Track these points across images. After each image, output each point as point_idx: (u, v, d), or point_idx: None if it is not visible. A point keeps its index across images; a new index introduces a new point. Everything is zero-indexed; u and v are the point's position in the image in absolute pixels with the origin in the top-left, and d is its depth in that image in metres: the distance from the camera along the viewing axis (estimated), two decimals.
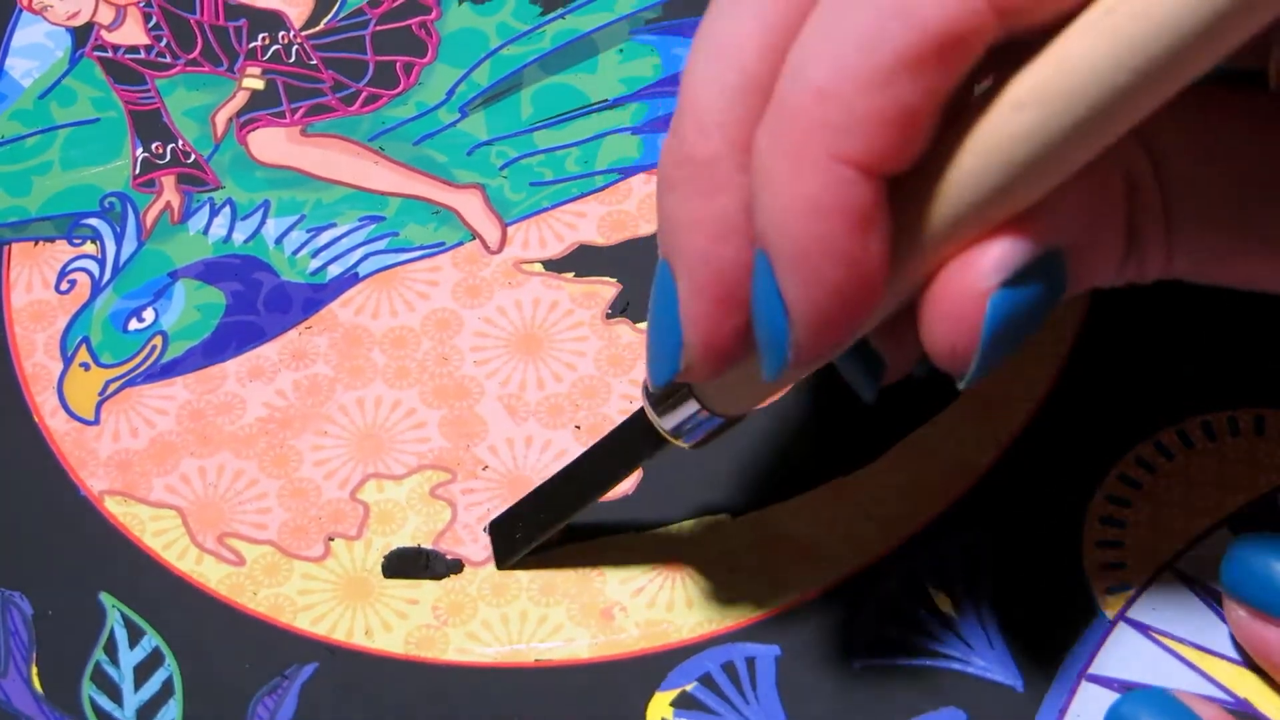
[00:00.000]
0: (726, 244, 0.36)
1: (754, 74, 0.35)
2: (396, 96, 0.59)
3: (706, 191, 0.36)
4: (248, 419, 0.52)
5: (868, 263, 0.34)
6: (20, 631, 0.49)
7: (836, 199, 0.33)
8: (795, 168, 0.33)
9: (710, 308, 0.37)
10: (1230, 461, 0.47)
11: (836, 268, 0.33)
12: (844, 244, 0.33)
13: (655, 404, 0.43)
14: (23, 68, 0.62)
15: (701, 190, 0.36)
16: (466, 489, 0.50)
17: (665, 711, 0.45)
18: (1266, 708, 0.43)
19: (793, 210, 0.33)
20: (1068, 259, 0.35)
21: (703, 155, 0.36)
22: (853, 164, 0.33)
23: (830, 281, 0.34)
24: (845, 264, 0.33)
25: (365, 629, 0.48)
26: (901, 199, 0.34)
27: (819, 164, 0.33)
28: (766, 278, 0.35)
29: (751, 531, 0.48)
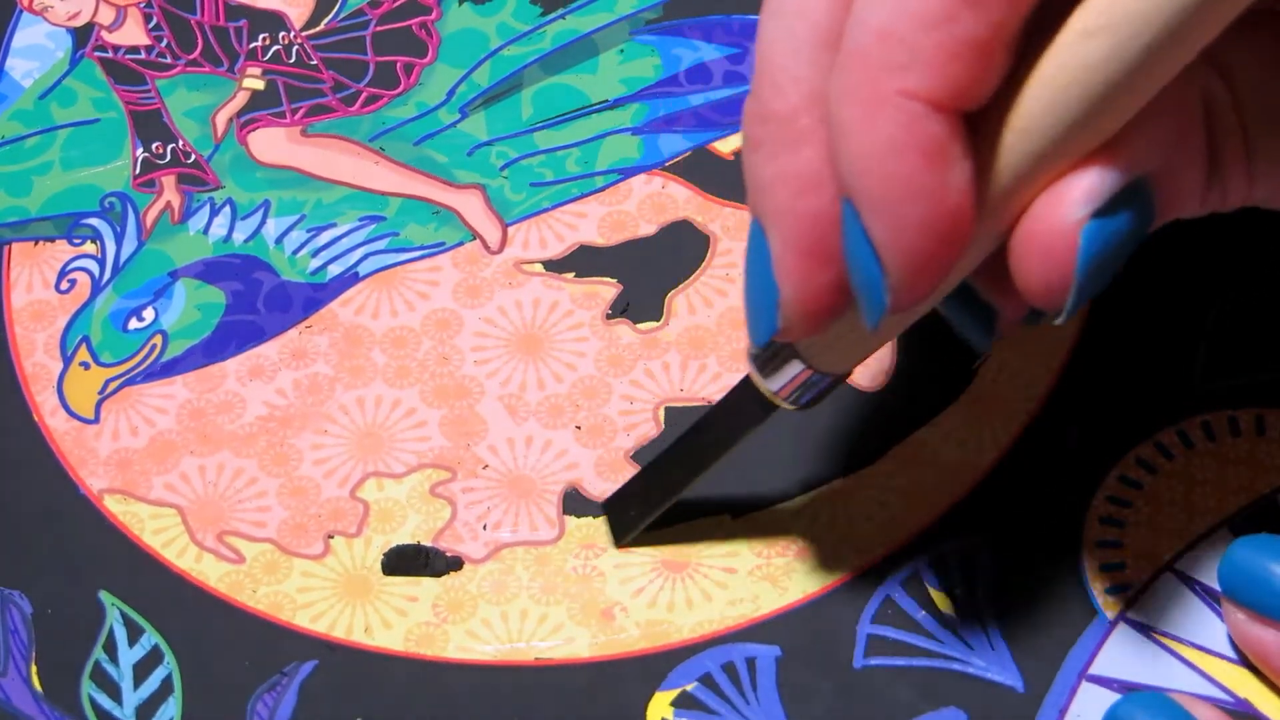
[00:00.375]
0: (813, 196, 0.36)
1: (823, 27, 0.36)
2: (397, 97, 0.59)
3: (788, 146, 0.36)
4: (248, 418, 0.52)
5: (952, 198, 0.34)
6: (20, 630, 0.49)
7: (911, 136, 0.33)
8: (867, 110, 0.33)
9: (803, 261, 0.37)
10: (1230, 462, 0.47)
11: (920, 205, 0.34)
12: (925, 180, 0.33)
13: (760, 367, 0.42)
14: (23, 68, 0.62)
15: (783, 146, 0.36)
16: (466, 488, 0.50)
17: (665, 711, 0.45)
18: (1266, 708, 0.43)
19: (870, 152, 0.34)
20: (1153, 187, 0.35)
21: (781, 111, 0.36)
22: (922, 99, 0.33)
23: (916, 220, 0.34)
24: (929, 201, 0.34)
25: (365, 626, 0.48)
26: (982, 136, 0.34)
27: (889, 103, 0.33)
28: (855, 224, 0.35)
29: (752, 531, 0.48)
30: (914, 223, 0.34)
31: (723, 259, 0.54)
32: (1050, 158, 0.34)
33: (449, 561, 0.49)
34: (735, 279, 0.53)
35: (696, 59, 0.58)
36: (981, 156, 0.34)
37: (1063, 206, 0.34)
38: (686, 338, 0.52)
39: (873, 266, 0.35)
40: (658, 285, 0.53)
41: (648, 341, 0.52)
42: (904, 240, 0.34)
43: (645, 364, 0.52)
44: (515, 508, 0.49)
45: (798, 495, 0.49)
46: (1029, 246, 0.35)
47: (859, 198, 0.34)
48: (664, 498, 0.47)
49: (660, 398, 0.51)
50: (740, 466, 0.49)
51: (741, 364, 0.51)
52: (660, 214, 0.55)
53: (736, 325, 0.52)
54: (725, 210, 0.55)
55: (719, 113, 0.57)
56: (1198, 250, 0.51)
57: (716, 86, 0.57)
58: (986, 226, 0.35)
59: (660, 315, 0.53)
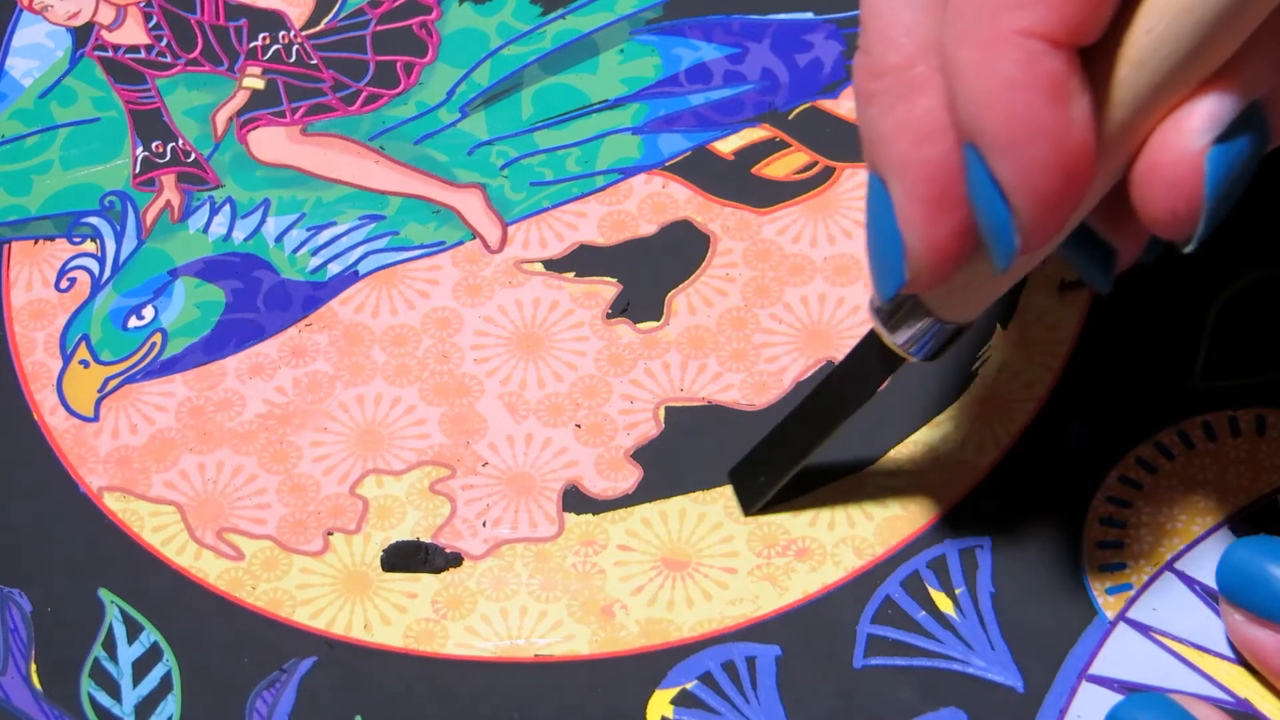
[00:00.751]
0: (933, 144, 0.37)
1: None
2: (397, 96, 0.59)
3: (904, 97, 0.37)
4: (247, 415, 0.52)
5: (1075, 135, 0.34)
6: (19, 628, 0.49)
7: (1030, 74, 0.33)
8: (984, 51, 0.34)
9: (928, 209, 0.37)
10: (1231, 462, 0.47)
11: (1045, 144, 0.34)
12: (1047, 118, 0.34)
13: (885, 321, 0.42)
14: (23, 67, 0.62)
15: (899, 97, 0.37)
16: (466, 485, 0.50)
17: (666, 709, 0.45)
18: (1266, 708, 0.43)
19: (990, 93, 0.34)
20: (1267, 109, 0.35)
21: (894, 63, 0.37)
22: (1039, 36, 0.33)
23: (1042, 159, 0.34)
24: (1053, 139, 0.34)
25: (364, 623, 0.48)
26: (1097, 71, 0.35)
27: (1006, 43, 0.33)
28: (979, 168, 0.35)
29: (752, 531, 0.48)
30: (1040, 161, 0.34)
31: (723, 259, 0.54)
32: (1167, 88, 0.34)
33: (448, 558, 0.49)
34: (735, 279, 0.53)
35: (696, 59, 0.58)
36: (1098, 92, 0.35)
37: (1184, 135, 0.35)
38: (687, 337, 0.52)
39: (1000, 209, 0.35)
40: (658, 285, 0.53)
41: (648, 341, 0.52)
42: (1031, 180, 0.35)
43: (645, 363, 0.52)
44: (515, 505, 0.49)
45: (798, 494, 0.49)
46: (1154, 178, 0.35)
47: (982, 140, 0.35)
48: (792, 462, 0.47)
49: (660, 397, 0.51)
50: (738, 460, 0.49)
51: (741, 363, 0.51)
52: (660, 214, 0.55)
53: (737, 325, 0.52)
54: (725, 210, 0.55)
55: (719, 112, 0.57)
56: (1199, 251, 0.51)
57: (716, 86, 0.57)
58: (1105, 162, 0.36)
59: (660, 315, 0.53)
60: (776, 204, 0.54)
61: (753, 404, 0.51)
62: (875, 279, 0.40)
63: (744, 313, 0.52)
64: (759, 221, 0.54)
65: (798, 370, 0.51)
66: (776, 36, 0.58)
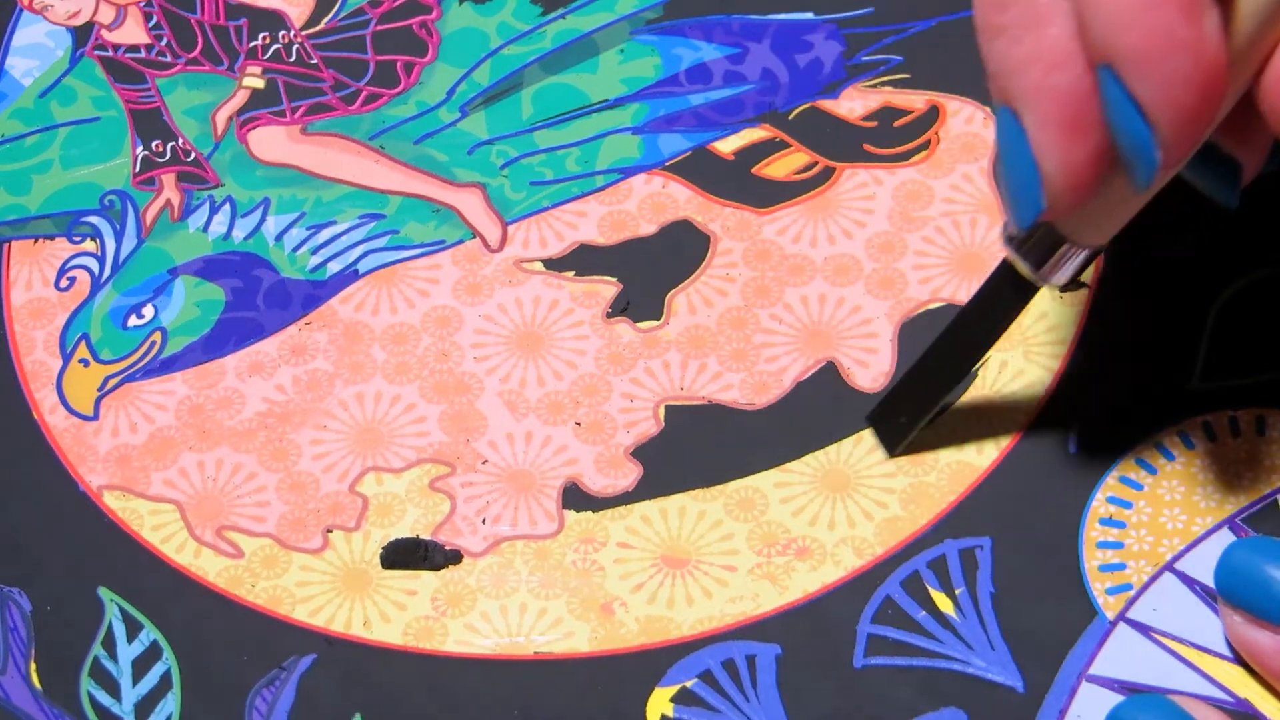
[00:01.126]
0: (1065, 71, 0.37)
1: None
2: (397, 96, 0.59)
3: (1033, 26, 0.37)
4: (247, 414, 0.52)
5: (1209, 46, 0.34)
6: (19, 627, 0.49)
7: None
8: None
9: (1064, 135, 0.38)
10: (1231, 462, 0.47)
11: (1182, 57, 0.34)
12: (1182, 32, 0.34)
13: (1018, 248, 0.43)
14: (23, 67, 0.62)
15: (1028, 27, 0.37)
16: (466, 482, 0.50)
17: (666, 707, 0.45)
18: (1266, 708, 0.43)
19: (1126, 11, 0.34)
20: None
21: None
22: None
23: (1180, 72, 0.34)
24: (1189, 53, 0.34)
25: (364, 620, 0.48)
26: None
27: None
28: (1116, 89, 0.36)
29: (751, 530, 0.48)
30: (1178, 76, 0.35)
31: (723, 259, 0.54)
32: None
33: (448, 555, 0.49)
34: (735, 278, 0.53)
35: (697, 59, 0.58)
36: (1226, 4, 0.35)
37: None
38: (687, 337, 0.52)
39: (1141, 127, 0.36)
40: (658, 285, 0.53)
41: (648, 340, 0.52)
42: (1171, 94, 0.35)
43: (645, 362, 0.52)
44: (514, 502, 0.49)
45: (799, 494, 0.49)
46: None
47: (1119, 59, 0.35)
48: (934, 399, 0.48)
49: (660, 396, 0.51)
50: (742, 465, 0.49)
51: (742, 363, 0.51)
52: (660, 213, 0.55)
53: (737, 325, 0.52)
54: (725, 210, 0.55)
55: (719, 112, 0.57)
56: (1198, 250, 0.51)
57: (716, 86, 0.57)
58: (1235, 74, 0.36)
59: (660, 314, 0.53)
60: (776, 204, 0.54)
61: (753, 403, 0.51)
62: (1013, 209, 0.40)
63: (744, 312, 0.52)
64: (759, 221, 0.54)
65: (797, 370, 0.51)
66: (777, 36, 0.58)
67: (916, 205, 0.53)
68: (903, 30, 0.58)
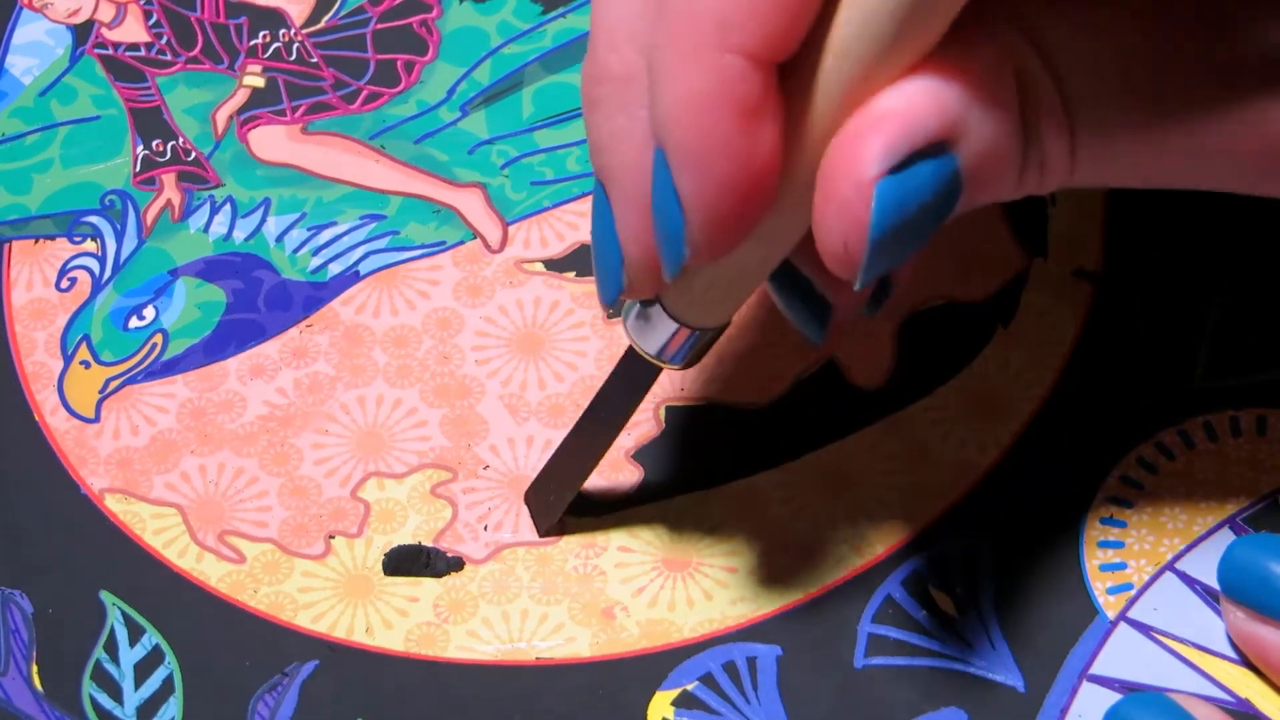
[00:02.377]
0: (647, 153, 0.36)
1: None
2: (397, 95, 0.59)
3: (626, 105, 0.37)
4: (248, 417, 0.52)
5: (760, 155, 0.34)
6: (20, 630, 0.49)
7: (727, 91, 0.33)
8: (685, 62, 0.33)
9: (639, 216, 0.37)
10: (1232, 462, 0.47)
11: (728, 161, 0.34)
12: (734, 137, 0.33)
13: (635, 329, 0.42)
14: (23, 65, 0.62)
15: (621, 105, 0.37)
16: (467, 488, 0.50)
17: (667, 710, 0.45)
18: (1267, 708, 0.43)
19: (684, 105, 0.33)
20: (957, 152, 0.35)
21: (618, 71, 0.37)
22: (743, 53, 0.33)
23: (723, 175, 0.34)
24: (737, 157, 0.34)
25: (366, 627, 0.48)
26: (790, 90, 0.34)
27: (709, 57, 0.33)
28: (663, 174, 0.35)
29: (752, 531, 0.48)
30: (721, 179, 0.34)
31: None
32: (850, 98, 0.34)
33: (450, 561, 0.49)
34: None
35: None
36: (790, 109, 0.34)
37: (860, 163, 0.33)
38: None
39: (675, 218, 0.35)
40: None
41: None
42: (709, 195, 0.34)
43: None
44: (516, 508, 0.49)
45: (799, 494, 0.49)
46: (826, 203, 0.34)
47: (669, 149, 0.34)
48: (579, 477, 0.48)
49: (660, 397, 0.51)
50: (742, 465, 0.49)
51: (742, 363, 0.51)
52: None
53: (737, 325, 0.52)
54: None
55: None
56: (1198, 250, 0.51)
57: None
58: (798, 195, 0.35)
59: None
60: None
61: (753, 403, 0.51)
62: (598, 284, 0.40)
63: (744, 312, 0.52)
64: None
65: (798, 369, 0.51)
66: None
67: None
68: None
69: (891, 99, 0.34)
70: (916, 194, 0.34)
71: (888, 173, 0.33)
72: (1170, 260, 0.51)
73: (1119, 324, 0.50)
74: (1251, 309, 0.50)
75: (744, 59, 0.33)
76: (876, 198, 0.33)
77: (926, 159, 0.34)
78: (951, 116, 0.34)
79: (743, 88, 0.33)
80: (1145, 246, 0.51)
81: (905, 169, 0.34)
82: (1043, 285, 0.51)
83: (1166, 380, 0.49)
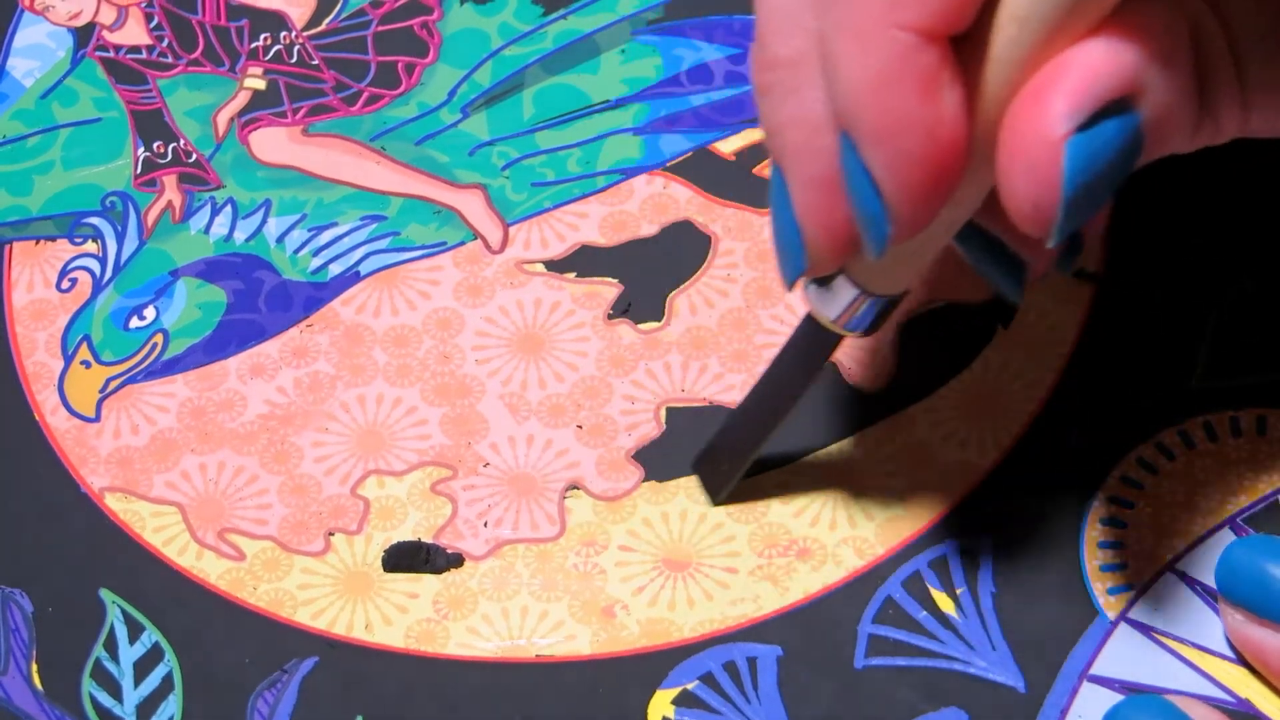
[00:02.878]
0: (823, 135, 0.37)
1: None
2: (398, 97, 0.59)
3: (796, 89, 0.37)
4: (248, 416, 0.52)
5: (947, 126, 0.34)
6: (20, 629, 0.49)
7: (905, 68, 0.34)
8: (860, 44, 0.34)
9: (819, 197, 0.38)
10: (1232, 462, 0.47)
11: (915, 136, 0.34)
12: (919, 111, 0.34)
13: (817, 298, 0.43)
14: (24, 68, 0.62)
15: (791, 89, 0.37)
16: (467, 485, 0.50)
17: (667, 709, 0.45)
18: (1267, 708, 0.43)
19: (864, 86, 0.34)
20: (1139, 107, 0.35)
21: (786, 56, 0.37)
22: (914, 29, 0.33)
23: (914, 151, 0.34)
24: (924, 132, 0.34)
25: (365, 623, 0.48)
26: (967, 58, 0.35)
27: (882, 35, 0.34)
28: (853, 158, 0.35)
29: (753, 531, 0.48)
30: (910, 154, 0.34)
31: (724, 259, 0.54)
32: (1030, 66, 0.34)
33: (450, 558, 0.49)
34: (737, 279, 0.53)
35: (698, 59, 0.58)
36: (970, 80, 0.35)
37: (1047, 122, 0.34)
38: (688, 338, 0.52)
39: (873, 199, 0.36)
40: (659, 285, 0.53)
41: (649, 341, 0.52)
42: (902, 172, 0.35)
43: (646, 364, 0.52)
44: (516, 505, 0.49)
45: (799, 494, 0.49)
46: (1014, 163, 0.35)
47: (855, 132, 0.35)
48: (753, 447, 0.48)
49: (661, 398, 0.51)
50: None
51: (742, 363, 0.51)
52: (661, 214, 0.55)
53: (738, 325, 0.52)
54: (726, 211, 0.55)
55: (720, 113, 0.57)
56: (1198, 250, 0.51)
57: (718, 87, 0.57)
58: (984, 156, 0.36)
59: (661, 315, 0.53)
60: None
61: None
62: (780, 266, 0.40)
63: (745, 313, 0.52)
64: (760, 222, 0.54)
65: None
66: None
67: None
68: None
69: (1074, 59, 0.34)
70: (1104, 151, 0.35)
71: (1075, 131, 0.34)
72: (1170, 260, 0.51)
73: (1119, 324, 0.50)
74: (1251, 309, 0.50)
75: (917, 34, 0.33)
76: (1068, 156, 0.34)
77: (1111, 117, 0.35)
78: (1133, 74, 0.35)
79: (920, 62, 0.34)
80: (1145, 247, 0.51)
81: (1092, 127, 0.34)
82: (1043, 286, 0.51)
83: (1166, 380, 0.49)
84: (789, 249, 0.40)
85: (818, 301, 0.43)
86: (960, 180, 0.35)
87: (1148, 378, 0.49)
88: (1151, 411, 0.48)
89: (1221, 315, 0.50)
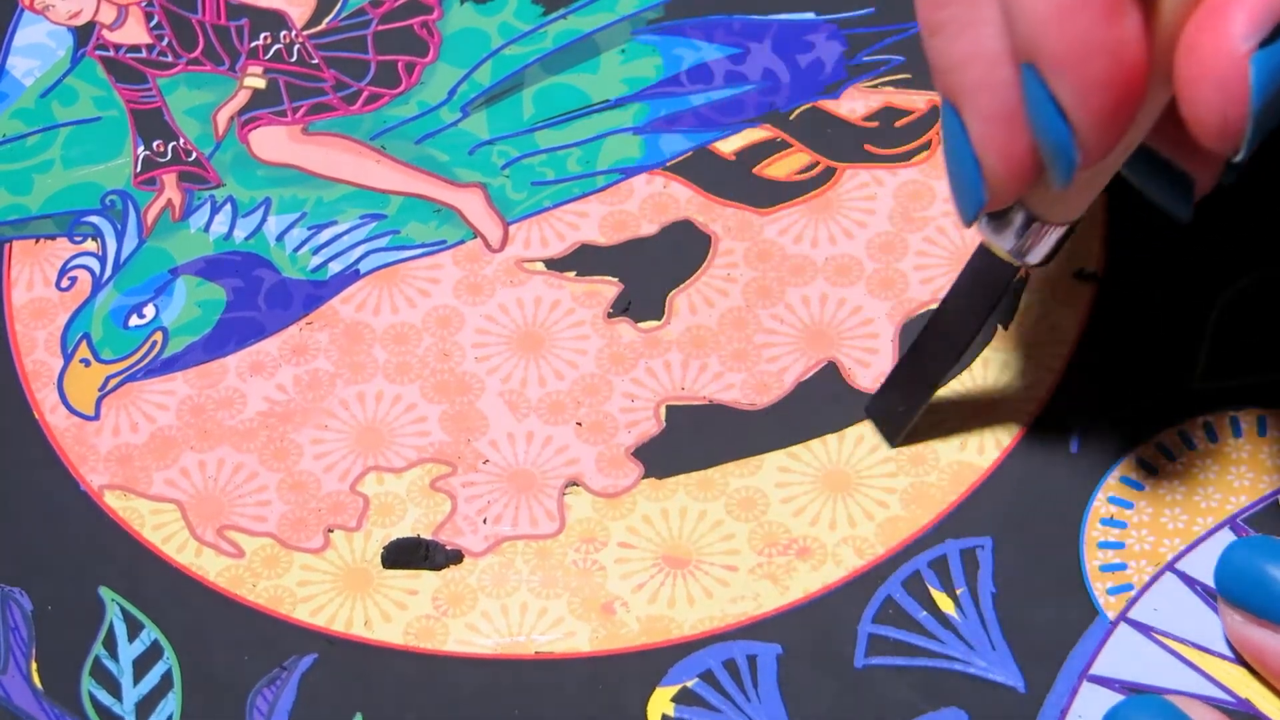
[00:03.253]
0: (1000, 68, 0.37)
1: None
2: (398, 96, 0.59)
3: (969, 24, 0.37)
4: (248, 413, 0.52)
5: (1128, 49, 0.35)
6: (20, 627, 0.49)
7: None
8: None
9: (999, 129, 0.38)
10: (1232, 462, 0.47)
11: (1100, 59, 0.35)
12: (1100, 33, 0.34)
13: (993, 230, 0.43)
14: (24, 67, 0.62)
15: (964, 24, 0.37)
16: (467, 482, 0.50)
17: (667, 707, 0.45)
18: (1267, 708, 0.43)
19: (1048, 13, 0.35)
20: None
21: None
22: None
23: (1099, 75, 0.35)
24: (1108, 55, 0.35)
25: (364, 620, 0.48)
26: None
27: None
28: (1037, 86, 0.36)
29: (753, 530, 0.48)
30: (1098, 78, 0.35)
31: (724, 259, 0.54)
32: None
33: (449, 555, 0.49)
34: (736, 279, 0.53)
35: (698, 59, 0.58)
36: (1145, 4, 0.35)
37: (1230, 39, 0.34)
38: (688, 337, 0.52)
39: (1060, 126, 0.36)
40: (659, 285, 0.53)
41: (649, 340, 0.52)
42: (1090, 96, 0.35)
43: (646, 362, 0.52)
44: (515, 502, 0.49)
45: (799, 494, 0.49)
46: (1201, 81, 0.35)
47: (1040, 59, 0.35)
48: (930, 386, 0.48)
49: (661, 396, 0.51)
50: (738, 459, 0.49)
51: (742, 362, 0.51)
52: (661, 214, 0.55)
53: (738, 325, 0.52)
54: (726, 210, 0.55)
55: (720, 113, 0.57)
56: (1198, 251, 0.51)
57: (718, 86, 0.57)
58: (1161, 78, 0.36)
59: (661, 314, 0.53)
60: (778, 204, 0.55)
61: (754, 403, 0.51)
62: (957, 202, 0.41)
63: (745, 313, 0.52)
64: (760, 222, 0.54)
65: (798, 370, 0.51)
66: (778, 37, 0.58)
67: (918, 205, 0.53)
68: (904, 30, 0.58)
69: None
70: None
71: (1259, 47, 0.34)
72: (1170, 261, 0.51)
73: (1119, 324, 0.50)
74: (1251, 309, 0.50)
75: None
76: (1255, 70, 0.34)
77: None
78: None
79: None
80: (1145, 247, 0.51)
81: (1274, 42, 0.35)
82: (1043, 286, 0.51)
83: (1166, 380, 0.49)
84: (968, 185, 0.40)
85: (994, 235, 0.43)
86: (1142, 102, 0.36)
87: (1148, 378, 0.49)
88: (1151, 411, 0.48)
89: (1221, 315, 0.50)
